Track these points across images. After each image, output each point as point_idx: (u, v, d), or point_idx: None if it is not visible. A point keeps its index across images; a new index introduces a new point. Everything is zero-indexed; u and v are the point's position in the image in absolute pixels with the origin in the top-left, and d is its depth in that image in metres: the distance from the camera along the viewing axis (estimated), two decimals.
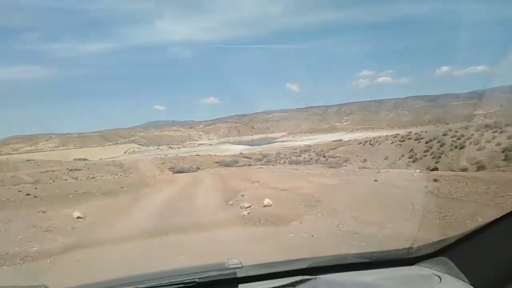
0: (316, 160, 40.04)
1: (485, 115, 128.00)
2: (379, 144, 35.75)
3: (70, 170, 34.86)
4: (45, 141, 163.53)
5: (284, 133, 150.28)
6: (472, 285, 1.27)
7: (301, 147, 71.44)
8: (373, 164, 29.49)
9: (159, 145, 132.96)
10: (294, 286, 1.32)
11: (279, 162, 50.14)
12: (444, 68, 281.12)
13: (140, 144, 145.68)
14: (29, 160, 54.68)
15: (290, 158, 49.71)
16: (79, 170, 35.19)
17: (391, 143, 34.31)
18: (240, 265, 1.48)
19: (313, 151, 49.13)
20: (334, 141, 79.55)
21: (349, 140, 74.73)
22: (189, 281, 1.39)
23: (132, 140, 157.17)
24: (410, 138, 34.09)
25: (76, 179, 31.89)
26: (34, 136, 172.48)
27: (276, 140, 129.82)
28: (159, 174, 22.40)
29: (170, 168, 35.70)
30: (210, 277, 1.44)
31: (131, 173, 34.12)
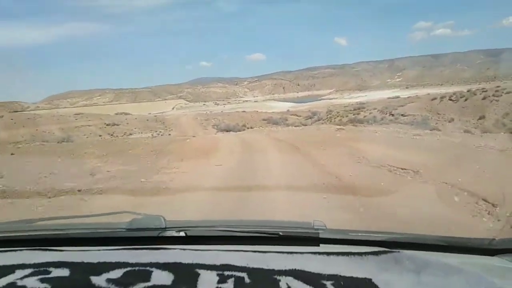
0: (382, 119, 33.09)
1: None
2: (465, 99, 27.94)
3: (107, 125, 30.95)
4: (99, 95, 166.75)
5: (331, 91, 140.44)
6: None
7: (352, 104, 63.66)
8: (465, 125, 22.40)
9: (205, 102, 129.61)
10: (376, 255, 1.23)
11: (333, 121, 43.69)
12: None
13: (187, 100, 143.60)
14: (78, 114, 52.45)
15: (347, 116, 42.90)
16: (117, 125, 31.15)
17: (483, 98, 26.48)
18: (324, 227, 1.41)
19: (374, 109, 41.78)
20: (389, 98, 70.83)
21: (409, 97, 65.97)
22: (272, 232, 1.39)
23: (180, 96, 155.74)
24: (508, 92, 26.07)
25: (111, 135, 27.91)
26: (90, 91, 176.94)
27: (323, 97, 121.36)
28: (193, 137, 16.60)
29: (214, 126, 30.71)
30: (293, 232, 1.45)
31: (171, 130, 29.53)
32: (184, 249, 1.26)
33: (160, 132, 28.19)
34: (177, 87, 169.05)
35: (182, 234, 1.39)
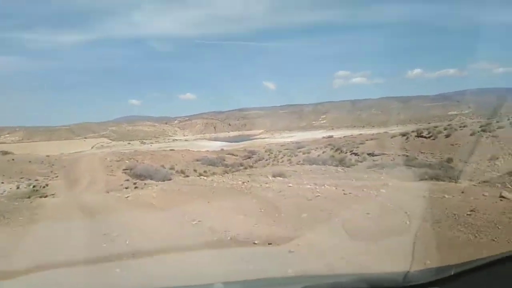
0: (343, 159, 25.81)
1: (461, 115, 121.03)
2: (446, 136, 22.00)
3: None
4: (8, 134, 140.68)
5: (261, 131, 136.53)
6: None
7: (288, 143, 57.71)
8: (482, 168, 15.75)
9: (131, 140, 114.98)
10: None
11: (280, 161, 35.73)
12: (416, 71, 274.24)
13: (110, 139, 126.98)
14: None
15: (296, 155, 35.28)
16: None
17: (471, 134, 20.69)
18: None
19: (326, 147, 34.95)
20: (323, 137, 67.77)
21: (344, 136, 62.64)
22: None
23: (103, 134, 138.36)
24: (501, 127, 20.56)
25: None
26: None
27: (255, 137, 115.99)
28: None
29: (126, 169, 20.21)
30: None
31: (57, 176, 18.43)
32: None
33: (36, 180, 17.02)
34: (100, 125, 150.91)
35: None
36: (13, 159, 24.71)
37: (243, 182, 7.91)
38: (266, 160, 38.47)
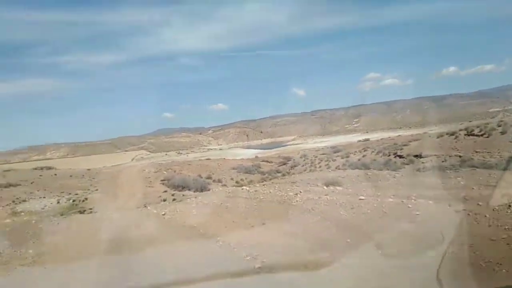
0: (386, 162, 23.97)
1: (504, 111, 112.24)
2: (502, 132, 19.63)
3: None
4: (54, 150, 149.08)
5: (294, 136, 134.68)
6: None
7: (323, 148, 55.63)
8: None
9: (168, 151, 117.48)
10: None
11: (317, 166, 34.17)
12: (451, 69, 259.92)
13: (149, 151, 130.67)
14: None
15: (334, 160, 33.58)
16: (14, 186, 19.33)
17: None
18: None
19: (364, 150, 32.99)
20: (359, 141, 64.74)
21: (382, 139, 59.02)
22: None
23: (141, 147, 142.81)
24: None
25: None
26: (44, 146, 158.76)
27: (287, 143, 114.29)
28: None
29: (164, 180, 19.81)
30: None
31: (96, 189, 18.28)
32: None
33: (76, 194, 16.90)
34: (139, 138, 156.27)
35: None
36: (55, 174, 25.18)
37: (295, 194, 6.59)
38: (302, 165, 36.94)
